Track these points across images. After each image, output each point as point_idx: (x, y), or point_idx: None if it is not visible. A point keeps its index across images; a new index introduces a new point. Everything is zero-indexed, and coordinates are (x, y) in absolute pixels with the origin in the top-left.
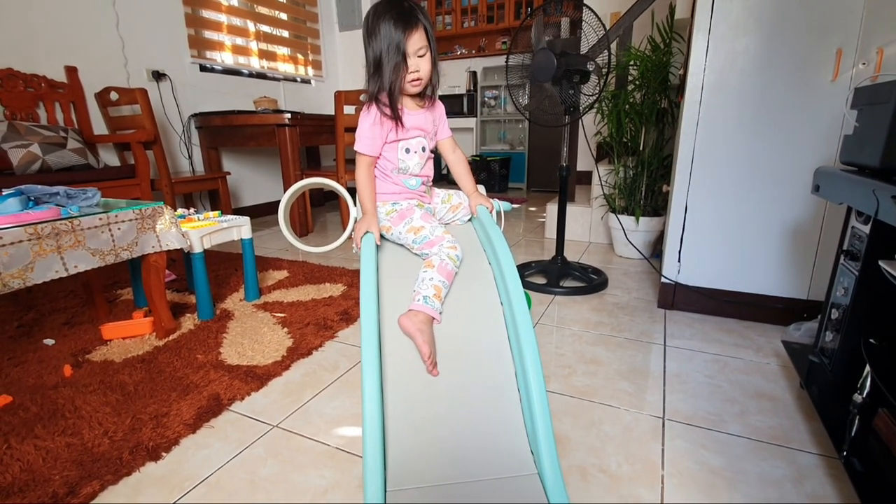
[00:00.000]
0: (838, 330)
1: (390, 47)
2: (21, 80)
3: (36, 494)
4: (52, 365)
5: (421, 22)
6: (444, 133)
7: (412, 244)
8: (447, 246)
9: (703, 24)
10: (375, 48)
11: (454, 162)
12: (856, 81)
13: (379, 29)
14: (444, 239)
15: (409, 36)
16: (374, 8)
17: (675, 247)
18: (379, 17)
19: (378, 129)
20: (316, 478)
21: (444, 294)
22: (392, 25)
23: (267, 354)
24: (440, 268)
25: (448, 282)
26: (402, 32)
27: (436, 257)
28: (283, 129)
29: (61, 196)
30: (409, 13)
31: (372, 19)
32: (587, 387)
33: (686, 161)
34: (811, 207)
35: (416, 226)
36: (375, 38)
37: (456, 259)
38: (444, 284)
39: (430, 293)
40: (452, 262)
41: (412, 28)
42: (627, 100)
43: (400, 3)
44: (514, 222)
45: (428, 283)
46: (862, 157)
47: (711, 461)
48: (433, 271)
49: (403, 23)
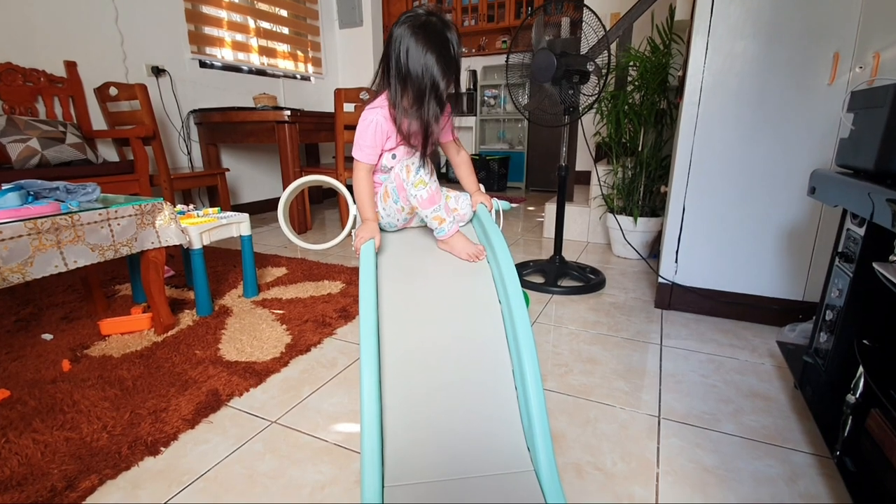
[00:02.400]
0: (832, 331)
1: (431, 89)
2: (20, 74)
3: (35, 488)
4: (51, 359)
5: (455, 65)
6: (448, 136)
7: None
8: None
9: (702, 27)
10: (413, 73)
11: (458, 163)
12: (852, 85)
13: (418, 55)
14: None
15: (449, 80)
16: (414, 24)
17: (673, 247)
18: (421, 41)
19: (380, 139)
20: (314, 473)
21: (442, 210)
22: (435, 64)
23: (265, 351)
24: (422, 205)
25: (433, 205)
26: (443, 77)
27: (412, 199)
28: (282, 126)
29: (61, 191)
30: (448, 52)
31: (408, 39)
32: (583, 385)
33: (684, 162)
34: (807, 210)
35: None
36: (414, 64)
37: (416, 188)
38: (436, 209)
39: (436, 224)
40: (417, 189)
41: (450, 75)
42: (626, 100)
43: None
44: (512, 221)
45: (431, 219)
46: (857, 160)
47: (706, 460)
48: (421, 210)
49: (445, 67)
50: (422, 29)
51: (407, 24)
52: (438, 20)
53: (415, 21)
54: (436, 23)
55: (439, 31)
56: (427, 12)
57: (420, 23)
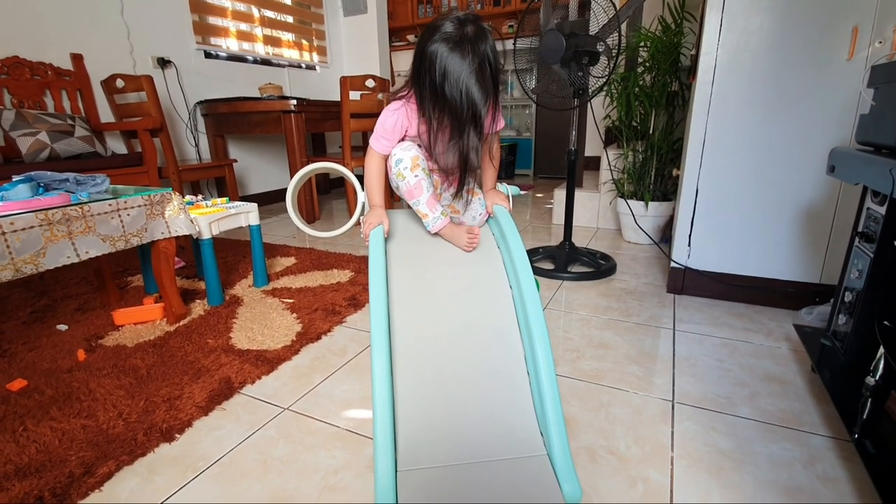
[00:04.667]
0: (851, 313)
1: (468, 114)
2: (28, 68)
3: (53, 474)
4: (66, 349)
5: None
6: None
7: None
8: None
9: (716, 2)
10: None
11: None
12: (872, 60)
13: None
14: None
15: (487, 104)
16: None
17: (686, 231)
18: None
19: (398, 133)
20: (327, 458)
21: (423, 205)
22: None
23: (276, 339)
24: (403, 195)
25: (412, 198)
26: (483, 99)
27: (393, 187)
28: (288, 115)
29: (71, 182)
30: (485, 74)
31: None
32: (595, 370)
33: (697, 143)
34: (825, 190)
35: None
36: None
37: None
38: (416, 203)
39: (421, 217)
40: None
41: (489, 97)
42: (637, 82)
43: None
44: (521, 209)
45: (416, 210)
46: (878, 136)
47: (721, 443)
48: (409, 202)
49: (482, 87)
50: (458, 47)
51: (441, 41)
52: (473, 30)
53: (450, 38)
54: (471, 37)
55: (478, 47)
56: (460, 21)
57: (457, 39)
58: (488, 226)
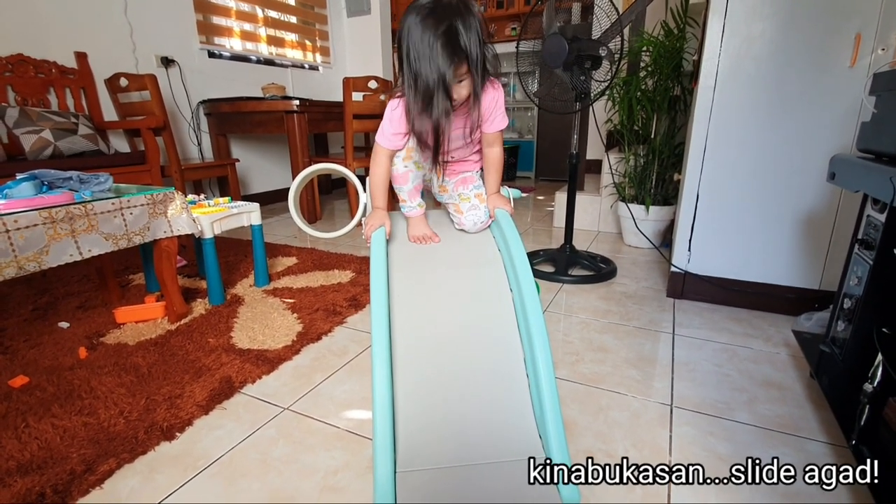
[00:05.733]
0: (850, 319)
1: (437, 82)
2: (32, 65)
3: (54, 471)
4: (68, 347)
5: (463, 50)
6: (489, 128)
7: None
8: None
9: (719, 8)
10: (422, 78)
11: (486, 157)
12: (874, 67)
13: (425, 52)
14: None
15: (453, 68)
16: (418, 16)
17: (686, 236)
18: (423, 33)
19: (403, 125)
20: (326, 458)
21: (404, 193)
22: (439, 54)
23: (277, 339)
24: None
25: (397, 184)
26: (448, 65)
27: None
28: (291, 115)
29: (74, 181)
30: (455, 40)
31: (413, 33)
32: (595, 374)
33: (699, 149)
34: (825, 196)
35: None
36: (418, 60)
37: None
38: (400, 189)
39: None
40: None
41: (456, 59)
42: (639, 86)
43: (447, 21)
44: (522, 211)
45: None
46: (880, 144)
47: (719, 448)
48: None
49: (448, 53)
50: (430, 16)
51: (413, 12)
52: (448, 1)
53: (422, 8)
54: (444, 4)
55: (448, 13)
56: None
57: (427, 10)
58: (490, 229)
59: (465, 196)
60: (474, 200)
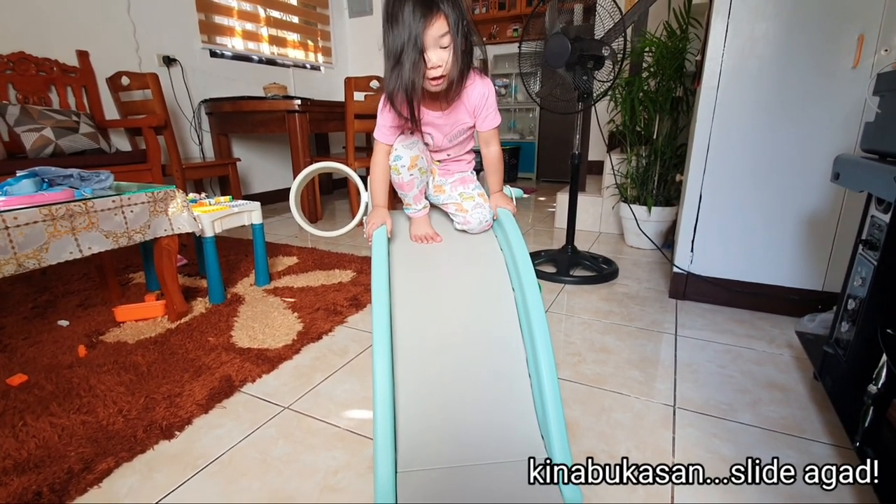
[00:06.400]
0: (854, 321)
1: (409, 40)
2: (33, 63)
3: (52, 470)
4: (67, 345)
5: (440, 7)
6: (482, 125)
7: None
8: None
9: (722, 8)
10: (395, 39)
11: (484, 157)
12: (877, 68)
13: (398, 15)
14: None
15: (429, 24)
16: None
17: (688, 236)
18: (400, 4)
19: (395, 118)
20: (327, 458)
21: (409, 198)
22: (411, 11)
23: (277, 338)
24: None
25: (402, 190)
26: (420, 20)
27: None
28: (292, 115)
29: (75, 178)
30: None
31: (392, 3)
32: (597, 375)
33: (701, 149)
34: (829, 197)
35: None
36: (395, 26)
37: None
38: (405, 195)
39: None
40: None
41: (431, 15)
42: (641, 87)
43: None
44: (523, 212)
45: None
46: (884, 144)
47: (722, 449)
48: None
49: (422, 8)
50: None
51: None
52: None
53: None
54: None
55: None
56: None
57: None
58: (492, 229)
59: (468, 195)
60: (478, 199)
